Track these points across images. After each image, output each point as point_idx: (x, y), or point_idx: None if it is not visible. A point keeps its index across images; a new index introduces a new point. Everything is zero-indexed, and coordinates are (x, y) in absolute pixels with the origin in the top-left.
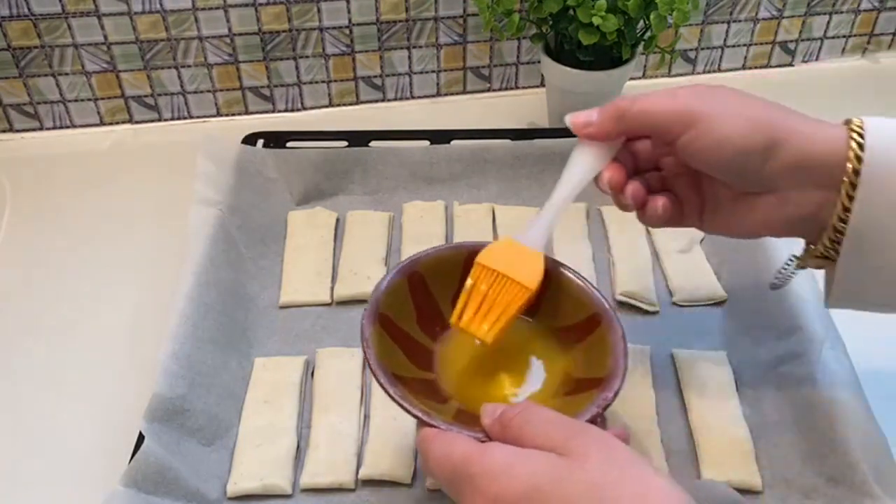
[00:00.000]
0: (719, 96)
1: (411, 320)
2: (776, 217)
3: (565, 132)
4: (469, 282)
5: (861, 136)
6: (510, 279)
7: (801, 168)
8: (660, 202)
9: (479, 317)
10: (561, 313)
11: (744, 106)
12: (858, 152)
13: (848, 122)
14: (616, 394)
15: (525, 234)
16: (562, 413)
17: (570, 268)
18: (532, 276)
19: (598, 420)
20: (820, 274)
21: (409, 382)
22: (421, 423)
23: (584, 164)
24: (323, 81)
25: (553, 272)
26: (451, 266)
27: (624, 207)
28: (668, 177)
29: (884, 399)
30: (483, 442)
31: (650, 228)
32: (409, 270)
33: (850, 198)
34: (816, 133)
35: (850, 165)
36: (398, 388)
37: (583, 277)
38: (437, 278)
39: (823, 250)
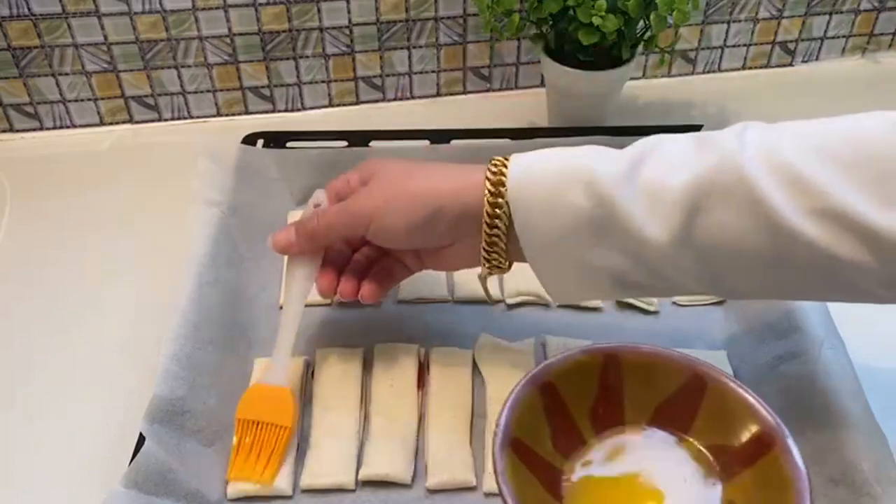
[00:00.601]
0: (380, 189)
1: (545, 440)
2: (468, 256)
3: (565, 132)
4: (234, 439)
5: (492, 178)
6: (268, 424)
7: (461, 221)
8: (366, 290)
9: (251, 464)
10: (719, 432)
11: (403, 186)
12: (489, 196)
13: (491, 161)
14: None
15: (268, 375)
16: None
17: (726, 374)
18: (285, 415)
19: None
20: None
21: None
22: None
23: (299, 282)
24: (323, 81)
25: (709, 380)
26: (585, 371)
27: (345, 299)
28: (380, 246)
29: (884, 399)
30: None
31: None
32: (540, 381)
33: (490, 234)
34: (466, 185)
35: (484, 209)
36: None
37: (747, 388)
38: (572, 387)
39: (490, 270)
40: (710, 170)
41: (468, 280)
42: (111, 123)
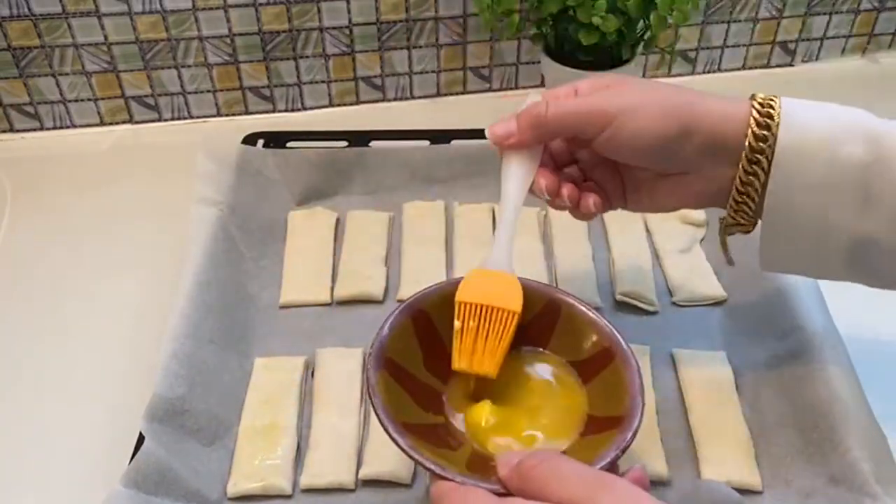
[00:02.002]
0: (629, 90)
1: (418, 362)
2: (694, 192)
3: None
4: (457, 323)
5: (760, 110)
6: (495, 307)
7: (713, 148)
8: (591, 199)
9: (478, 354)
10: (572, 347)
11: (654, 96)
12: (755, 128)
13: (753, 97)
14: (634, 435)
15: (491, 260)
16: (580, 456)
17: (578, 298)
18: (513, 299)
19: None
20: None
21: (419, 429)
22: (434, 477)
23: (518, 175)
24: (323, 81)
25: (561, 303)
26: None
27: (559, 208)
28: (587, 168)
29: (884, 399)
30: (501, 496)
31: (650, 228)
32: (413, 309)
33: (747, 171)
34: (724, 112)
35: (747, 141)
36: (408, 438)
37: (592, 309)
38: (444, 317)
39: (735, 219)
40: None
41: None
42: (111, 123)
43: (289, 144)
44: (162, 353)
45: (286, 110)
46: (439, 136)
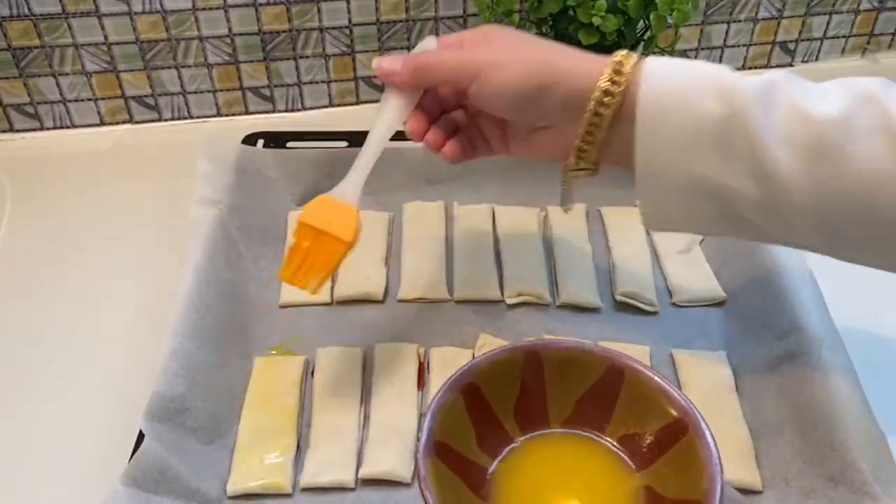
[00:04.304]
0: (499, 46)
1: (470, 441)
2: (561, 145)
3: None
4: (291, 240)
5: (613, 66)
6: (328, 234)
7: (570, 103)
8: (451, 148)
9: (304, 272)
10: (638, 418)
11: (519, 53)
12: (602, 84)
13: (614, 55)
14: None
15: (339, 189)
16: None
17: (643, 363)
18: (347, 230)
19: None
20: (819, 274)
21: None
22: None
23: (390, 114)
24: (323, 81)
25: (625, 369)
26: (508, 370)
27: (430, 149)
28: (472, 113)
29: (884, 399)
30: None
31: (650, 230)
32: (462, 384)
33: (590, 122)
34: (582, 70)
35: (594, 95)
36: None
37: (660, 375)
38: (495, 386)
39: (577, 165)
40: (854, 108)
41: (468, 280)
42: (111, 123)
43: (289, 144)
44: (161, 353)
45: (286, 110)
46: None
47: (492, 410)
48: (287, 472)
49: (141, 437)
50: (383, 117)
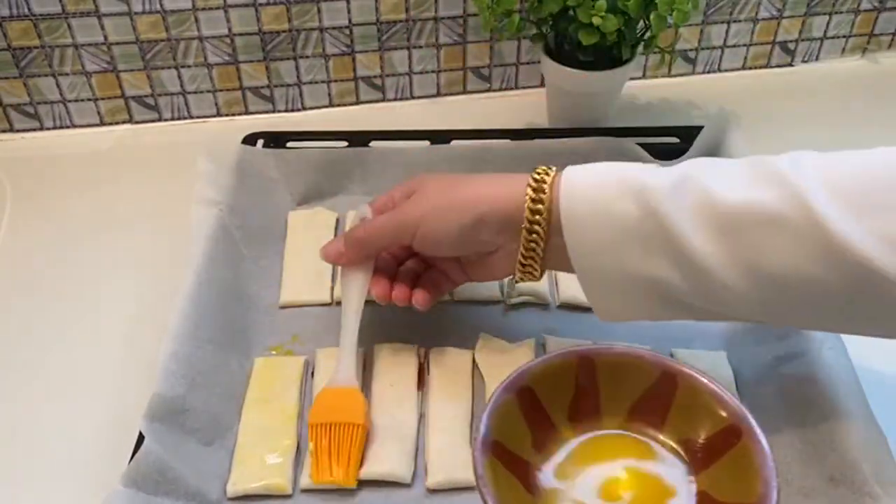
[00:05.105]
0: (426, 197)
1: (526, 443)
2: (509, 264)
3: (565, 132)
4: (311, 444)
5: (534, 185)
6: (342, 423)
7: (506, 229)
8: (419, 296)
9: (334, 467)
10: (692, 424)
11: (445, 198)
12: (529, 204)
13: (533, 172)
14: None
15: (336, 378)
16: None
17: (696, 369)
18: (356, 413)
19: None
20: None
21: None
22: None
23: (354, 290)
24: (323, 81)
25: (678, 375)
26: (561, 374)
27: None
28: (425, 257)
29: (884, 399)
30: None
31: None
32: (517, 387)
33: (528, 240)
34: (506, 195)
35: (525, 215)
36: None
37: (714, 381)
38: (550, 389)
39: (523, 278)
40: (762, 190)
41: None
42: (111, 123)
43: (289, 144)
44: (162, 353)
45: (286, 110)
46: (439, 136)
47: (545, 413)
48: (287, 472)
49: (141, 437)
50: (349, 297)
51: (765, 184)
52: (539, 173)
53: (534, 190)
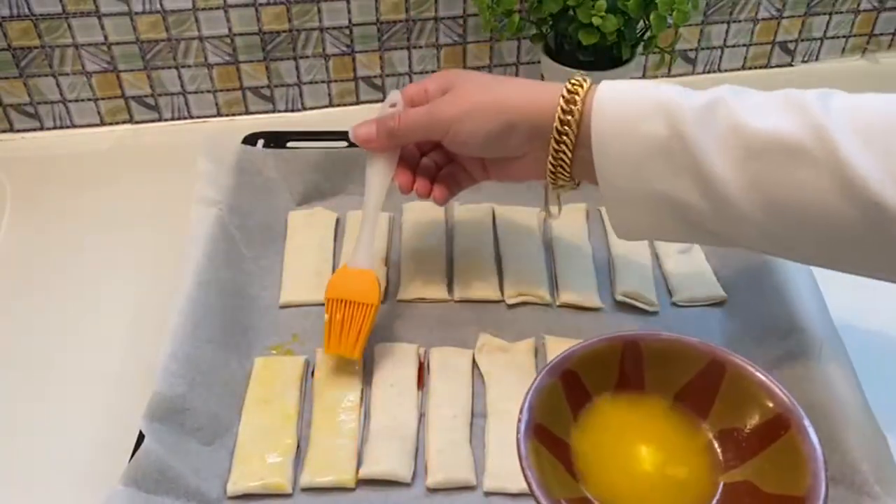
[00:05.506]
0: (462, 96)
1: (568, 426)
2: (534, 169)
3: None
4: (325, 317)
5: (567, 97)
6: (355, 302)
7: (535, 136)
8: (438, 193)
9: (344, 340)
10: (739, 413)
11: (482, 99)
12: (560, 115)
13: (568, 82)
14: None
15: (354, 259)
16: None
17: (745, 359)
18: (370, 294)
19: None
20: (819, 274)
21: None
22: None
23: (378, 176)
24: (323, 81)
25: (726, 363)
26: (606, 358)
27: (420, 197)
28: (451, 152)
29: (884, 399)
30: None
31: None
32: (560, 370)
33: (556, 150)
34: (539, 103)
35: (554, 125)
36: None
37: (763, 371)
38: (593, 374)
39: (555, 183)
40: (788, 121)
41: (468, 280)
42: (111, 123)
43: (289, 144)
44: (162, 353)
45: (286, 110)
46: None
47: (590, 396)
48: (287, 472)
49: (141, 437)
50: (373, 182)
51: (792, 115)
52: (573, 83)
53: (566, 101)
